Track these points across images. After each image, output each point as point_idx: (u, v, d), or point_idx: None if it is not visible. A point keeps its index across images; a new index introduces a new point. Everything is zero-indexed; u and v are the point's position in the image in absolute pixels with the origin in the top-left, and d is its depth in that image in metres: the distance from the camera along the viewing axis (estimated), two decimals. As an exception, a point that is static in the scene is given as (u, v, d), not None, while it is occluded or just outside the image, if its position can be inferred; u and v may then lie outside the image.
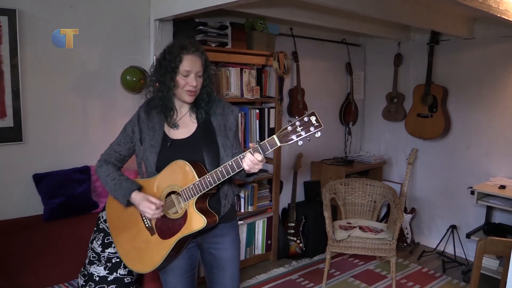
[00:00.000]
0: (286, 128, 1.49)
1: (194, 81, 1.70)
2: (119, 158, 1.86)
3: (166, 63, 1.71)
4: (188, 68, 1.69)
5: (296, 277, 3.39)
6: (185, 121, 1.81)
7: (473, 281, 1.93)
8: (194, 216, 1.66)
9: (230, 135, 1.79)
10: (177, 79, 1.70)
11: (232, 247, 1.87)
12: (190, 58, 1.70)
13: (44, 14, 2.49)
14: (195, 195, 1.64)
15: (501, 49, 3.57)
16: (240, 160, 1.56)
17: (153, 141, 1.76)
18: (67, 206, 2.49)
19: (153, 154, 1.75)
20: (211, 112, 1.80)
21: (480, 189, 3.37)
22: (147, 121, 1.79)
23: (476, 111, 3.75)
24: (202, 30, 2.97)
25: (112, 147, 1.88)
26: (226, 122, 1.80)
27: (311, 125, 1.47)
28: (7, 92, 2.38)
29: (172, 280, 1.84)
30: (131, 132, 1.83)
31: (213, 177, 1.61)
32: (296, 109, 3.85)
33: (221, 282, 1.87)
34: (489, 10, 2.60)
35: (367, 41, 4.59)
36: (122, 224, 1.85)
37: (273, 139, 1.50)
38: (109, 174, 1.80)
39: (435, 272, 3.55)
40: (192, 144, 1.76)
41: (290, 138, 1.49)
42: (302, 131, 1.47)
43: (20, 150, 2.48)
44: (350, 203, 3.61)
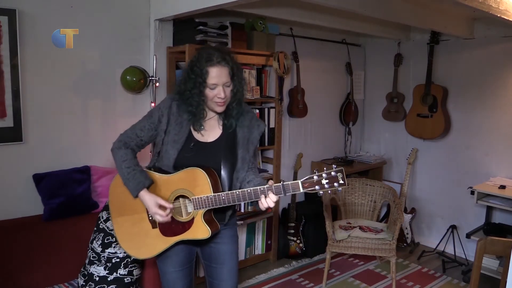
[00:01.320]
0: (312, 177, 1.55)
1: (221, 93, 1.69)
2: (139, 144, 1.83)
3: (194, 77, 1.70)
4: (214, 81, 1.68)
5: (296, 277, 3.39)
6: (212, 124, 1.82)
7: (473, 281, 1.93)
8: (200, 226, 1.70)
9: (251, 149, 1.82)
10: (206, 93, 1.71)
11: (230, 242, 1.89)
12: (216, 70, 1.68)
13: (44, 14, 2.49)
14: (206, 207, 1.68)
15: (501, 49, 3.57)
16: (260, 192, 1.59)
17: (177, 137, 1.76)
18: (67, 206, 2.49)
19: (174, 150, 1.75)
20: (239, 122, 1.81)
21: (480, 189, 3.37)
22: (177, 115, 1.77)
23: (476, 111, 3.75)
24: (202, 30, 2.97)
25: (134, 131, 1.83)
26: (250, 136, 1.82)
27: (336, 181, 1.54)
28: (7, 92, 2.38)
29: (170, 271, 1.88)
30: (157, 121, 1.79)
31: (228, 197, 1.64)
32: (296, 109, 3.85)
33: (220, 276, 1.89)
34: (489, 10, 2.60)
35: (367, 41, 4.59)
36: (125, 208, 1.84)
37: (298, 184, 1.56)
38: (126, 160, 1.77)
39: (435, 272, 3.55)
40: (213, 149, 1.78)
41: (313, 188, 1.55)
42: (326, 185, 1.54)
43: (20, 150, 2.48)
44: (350, 203, 3.61)
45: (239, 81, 1.76)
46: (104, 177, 2.69)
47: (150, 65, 2.93)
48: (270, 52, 3.34)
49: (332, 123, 4.41)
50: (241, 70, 1.81)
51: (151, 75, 2.90)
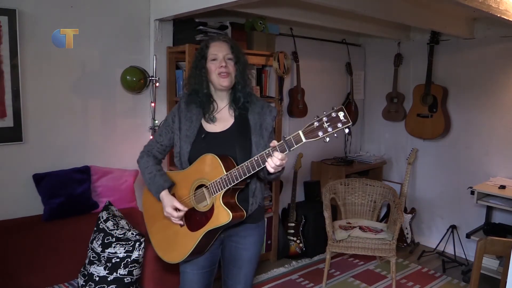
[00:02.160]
0: (313, 123, 1.46)
1: (223, 62, 1.75)
2: (160, 149, 1.89)
3: (197, 56, 1.81)
4: (214, 52, 1.76)
5: (296, 277, 3.39)
6: (223, 115, 1.83)
7: (473, 281, 1.93)
8: (220, 210, 1.67)
9: (265, 135, 1.80)
10: (207, 66, 1.77)
11: (252, 248, 1.88)
12: (216, 44, 1.78)
13: (44, 14, 2.49)
14: (222, 189, 1.65)
15: (501, 49, 3.57)
16: (265, 155, 1.55)
17: (189, 131, 1.79)
18: (67, 206, 2.49)
19: (187, 144, 1.78)
20: (250, 110, 1.82)
21: (480, 189, 3.37)
22: (185, 111, 1.83)
23: (476, 111, 3.75)
24: (202, 30, 2.97)
25: (154, 138, 1.92)
26: (262, 122, 1.81)
27: (338, 121, 1.43)
28: (7, 92, 2.39)
29: (190, 271, 1.86)
30: (171, 122, 1.85)
31: (239, 171, 1.61)
32: (296, 109, 3.85)
33: (235, 278, 1.91)
34: (489, 10, 2.60)
35: (367, 41, 4.59)
36: (156, 214, 1.88)
37: (299, 134, 1.48)
38: (148, 166, 1.85)
39: (435, 272, 3.55)
40: (226, 138, 1.78)
41: (316, 134, 1.45)
42: (329, 127, 1.44)
43: (20, 150, 2.48)
44: (350, 203, 3.61)
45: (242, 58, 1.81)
46: (104, 177, 2.70)
47: (150, 65, 2.93)
48: (270, 52, 3.33)
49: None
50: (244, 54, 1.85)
51: (151, 75, 2.90)
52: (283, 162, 1.55)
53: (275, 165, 1.54)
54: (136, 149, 2.92)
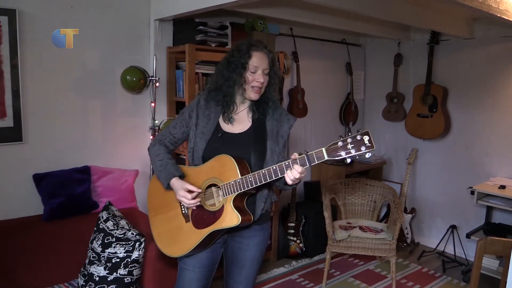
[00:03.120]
0: (337, 143, 1.47)
1: (261, 78, 1.74)
2: (172, 141, 1.88)
3: (235, 60, 1.75)
4: (256, 64, 1.73)
5: (296, 277, 3.39)
6: (241, 117, 1.83)
7: (473, 281, 1.93)
8: (229, 213, 1.67)
9: (281, 143, 1.80)
10: (246, 75, 1.74)
11: (255, 249, 1.88)
12: (259, 54, 1.75)
13: (44, 14, 2.49)
14: (235, 192, 1.65)
15: (501, 49, 3.57)
16: (285, 167, 1.56)
17: (205, 129, 1.78)
18: (67, 206, 2.49)
19: (203, 141, 1.77)
20: (268, 116, 1.82)
21: (480, 189, 3.37)
22: (204, 108, 1.82)
23: (476, 111, 3.75)
24: (202, 30, 2.97)
25: (168, 129, 1.89)
26: (279, 129, 1.81)
27: (362, 145, 1.44)
28: (7, 92, 2.39)
29: (190, 269, 1.85)
30: (187, 117, 1.84)
31: (255, 178, 1.61)
32: (296, 109, 3.85)
33: (236, 278, 1.91)
34: (489, 10, 2.60)
35: (367, 41, 4.59)
36: (161, 206, 1.88)
37: (321, 151, 1.49)
38: (159, 154, 1.83)
39: (435, 272, 3.55)
40: (242, 140, 1.78)
41: (339, 154, 1.46)
42: (352, 149, 1.45)
43: (20, 150, 2.49)
44: (350, 203, 3.61)
45: (276, 74, 1.81)
46: (104, 177, 2.70)
47: (150, 65, 2.93)
48: (270, 52, 3.33)
49: (332, 123, 4.41)
50: (278, 68, 1.86)
51: (151, 75, 2.90)
52: (302, 176, 1.55)
53: (294, 178, 1.54)
54: (136, 149, 2.95)
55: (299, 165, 1.52)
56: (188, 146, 1.84)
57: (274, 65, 1.80)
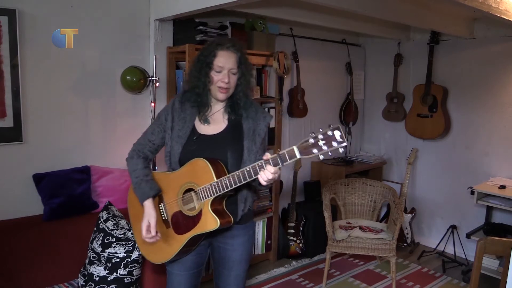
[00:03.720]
0: (308, 140, 1.44)
1: (226, 78, 1.71)
2: (152, 149, 1.85)
3: (202, 59, 1.73)
4: (221, 64, 1.71)
5: (296, 277, 3.39)
6: (217, 118, 1.81)
7: (473, 281, 1.93)
8: (208, 217, 1.66)
9: (258, 141, 1.78)
10: (211, 75, 1.72)
11: (241, 249, 1.87)
12: (224, 53, 1.71)
13: (44, 14, 2.49)
14: (211, 196, 1.64)
15: (501, 49, 3.57)
16: (258, 168, 1.55)
17: (181, 132, 1.77)
18: (67, 206, 2.49)
19: (178, 145, 1.76)
20: (244, 115, 1.80)
21: (480, 189, 3.37)
22: (179, 111, 1.79)
23: (476, 111, 3.75)
24: (202, 30, 2.97)
25: (146, 137, 1.86)
26: (256, 127, 1.79)
27: (334, 140, 1.42)
28: (7, 92, 2.38)
29: (177, 273, 1.85)
30: (164, 120, 1.81)
31: (230, 180, 1.60)
32: (296, 109, 3.85)
33: (226, 281, 1.89)
34: (489, 10, 2.60)
35: (367, 41, 4.59)
36: (141, 213, 1.85)
37: (293, 150, 1.47)
38: (135, 170, 1.81)
39: (435, 272, 3.55)
40: (218, 141, 1.76)
41: (311, 151, 1.44)
42: (324, 146, 1.42)
43: (20, 150, 2.48)
44: (350, 203, 3.61)
45: (246, 73, 1.77)
46: (104, 177, 2.69)
47: (150, 65, 2.93)
48: (270, 52, 3.33)
49: (332, 123, 4.39)
50: (250, 65, 1.81)
51: (151, 75, 2.90)
52: (275, 176, 1.54)
53: (268, 179, 1.53)
54: (136, 149, 2.95)
55: (271, 165, 1.51)
56: (165, 150, 1.83)
57: (243, 63, 1.75)
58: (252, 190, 1.85)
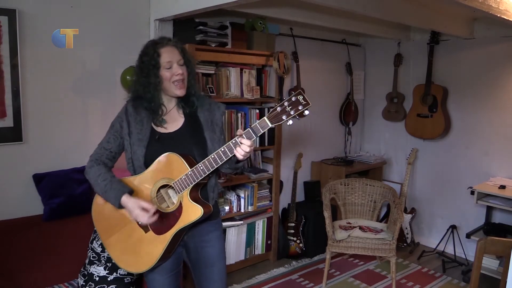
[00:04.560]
0: (276, 109, 1.53)
1: (179, 69, 1.72)
2: (110, 156, 1.80)
3: (146, 63, 1.72)
4: (168, 59, 1.71)
5: (296, 277, 3.39)
6: (172, 115, 1.81)
7: (473, 281, 1.93)
8: (190, 207, 1.66)
9: (217, 130, 1.82)
10: (161, 74, 1.71)
11: (218, 243, 1.88)
12: (167, 49, 1.73)
13: (44, 14, 2.49)
14: (189, 185, 1.64)
15: (501, 49, 3.57)
16: (232, 145, 1.58)
17: (140, 135, 1.74)
18: (67, 206, 2.49)
19: (141, 148, 1.73)
20: (198, 108, 1.82)
21: (480, 189, 3.37)
22: (135, 115, 1.77)
23: (476, 111, 3.75)
24: (202, 30, 2.97)
25: (101, 146, 1.82)
26: (213, 118, 1.82)
27: (299, 104, 1.51)
28: (7, 92, 2.39)
29: (158, 278, 1.82)
30: (119, 128, 1.79)
31: (206, 165, 1.62)
32: (296, 109, 3.84)
33: (210, 277, 1.87)
34: (489, 10, 2.60)
35: (367, 41, 4.59)
36: (113, 225, 1.78)
37: (264, 120, 1.54)
38: (100, 174, 1.74)
39: (435, 272, 3.55)
40: (180, 138, 1.76)
41: (281, 118, 1.53)
42: (291, 110, 1.52)
43: (20, 150, 2.48)
44: (350, 203, 3.61)
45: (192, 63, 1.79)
46: (104, 177, 2.69)
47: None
48: (270, 52, 3.34)
49: (332, 123, 4.41)
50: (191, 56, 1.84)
51: (151, 75, 2.90)
52: (251, 149, 1.60)
53: (245, 152, 1.58)
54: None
55: (245, 138, 1.57)
56: (126, 157, 1.79)
57: (186, 53, 1.78)
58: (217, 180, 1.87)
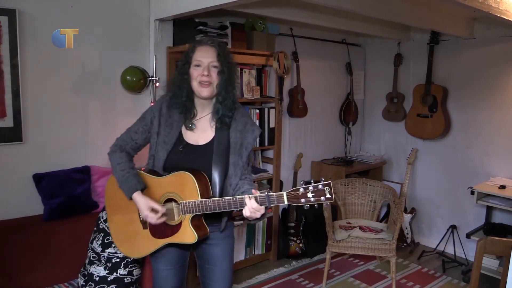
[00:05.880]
0: (298, 189, 1.49)
1: (206, 71, 1.68)
2: (134, 147, 1.84)
3: (183, 59, 1.75)
4: (199, 58, 1.70)
5: (296, 277, 3.39)
6: (203, 125, 1.79)
7: (473, 281, 1.93)
8: (186, 231, 1.68)
9: (244, 155, 1.76)
10: (190, 71, 1.71)
11: (222, 243, 1.86)
12: (202, 48, 1.72)
13: (44, 14, 2.49)
14: (193, 213, 1.65)
15: (501, 49, 3.57)
16: (245, 200, 1.55)
17: (167, 138, 1.75)
18: (67, 206, 2.49)
19: (164, 151, 1.74)
20: (232, 126, 1.76)
21: (480, 189, 3.37)
22: (167, 116, 1.77)
23: (476, 111, 3.75)
24: (202, 30, 2.97)
25: (129, 134, 1.84)
26: (243, 140, 1.76)
27: (322, 195, 1.47)
28: (7, 92, 2.38)
29: (162, 268, 1.85)
30: (149, 123, 1.80)
31: (215, 204, 1.61)
32: (296, 109, 3.85)
33: (211, 277, 1.87)
34: (489, 10, 2.60)
35: (367, 41, 4.59)
36: (119, 207, 1.85)
37: (282, 196, 1.51)
38: (120, 163, 1.78)
39: (435, 272, 3.55)
40: (203, 153, 1.74)
41: (299, 201, 1.49)
42: (312, 198, 1.48)
43: (20, 150, 2.48)
44: (350, 203, 3.61)
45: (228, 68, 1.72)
46: (104, 177, 2.69)
47: (150, 65, 2.93)
48: (270, 52, 3.33)
49: (332, 123, 4.41)
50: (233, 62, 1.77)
51: (151, 75, 2.90)
52: (256, 213, 1.55)
53: (251, 215, 1.55)
54: (136, 149, 2.95)
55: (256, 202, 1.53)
56: (149, 152, 1.81)
57: (222, 57, 1.71)
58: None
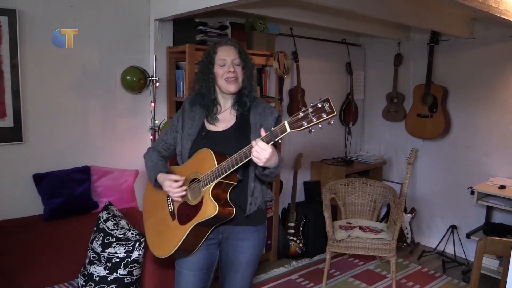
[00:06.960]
0: (298, 114, 1.47)
1: (231, 67, 1.77)
2: (165, 147, 1.94)
3: (204, 60, 1.83)
4: (222, 57, 1.78)
5: (296, 277, 3.39)
6: (225, 116, 1.86)
7: (473, 281, 1.93)
8: (207, 203, 1.67)
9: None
10: (214, 71, 1.79)
11: (250, 252, 1.85)
12: (224, 48, 1.80)
13: (44, 14, 2.49)
14: (212, 182, 1.67)
15: (501, 49, 3.57)
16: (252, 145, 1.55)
17: (191, 130, 1.84)
18: (67, 206, 2.49)
19: (188, 142, 1.82)
20: (252, 110, 1.84)
21: (480, 189, 3.37)
22: (189, 111, 1.88)
23: (476, 111, 3.75)
24: (202, 30, 2.97)
25: (160, 137, 1.98)
26: (264, 122, 1.81)
27: (323, 111, 1.43)
28: (7, 92, 2.39)
29: (185, 272, 1.83)
30: (176, 122, 1.90)
31: (228, 163, 1.62)
32: (296, 109, 3.85)
33: (231, 282, 1.89)
34: (489, 10, 2.60)
35: (367, 41, 4.59)
36: (152, 209, 1.94)
37: (284, 125, 1.49)
38: (150, 158, 1.90)
39: (435, 272, 3.55)
40: (225, 137, 1.80)
41: (301, 124, 1.46)
42: (313, 117, 1.44)
43: (20, 150, 2.48)
44: (350, 203, 3.61)
45: (249, 64, 1.84)
46: (104, 177, 2.70)
47: (150, 65, 2.93)
48: (270, 52, 3.33)
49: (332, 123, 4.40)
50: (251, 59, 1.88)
51: (151, 75, 2.90)
52: (265, 152, 1.52)
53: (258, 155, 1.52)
54: (136, 149, 2.95)
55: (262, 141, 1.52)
56: (177, 149, 1.89)
57: (243, 55, 1.82)
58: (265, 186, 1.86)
